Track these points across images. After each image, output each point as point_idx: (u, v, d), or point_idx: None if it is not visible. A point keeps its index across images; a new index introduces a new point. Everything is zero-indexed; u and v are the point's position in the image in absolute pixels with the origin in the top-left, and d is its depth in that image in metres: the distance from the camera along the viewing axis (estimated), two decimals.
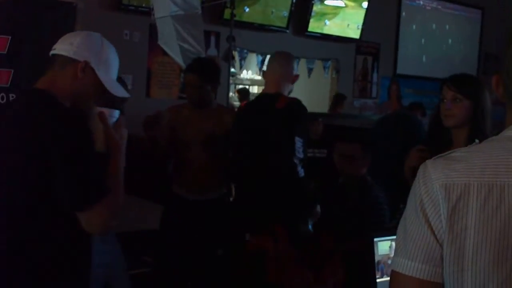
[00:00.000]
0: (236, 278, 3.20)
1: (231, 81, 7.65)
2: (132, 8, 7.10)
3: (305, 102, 3.79)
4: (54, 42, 2.28)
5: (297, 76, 3.57)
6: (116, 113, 2.10)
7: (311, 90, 9.66)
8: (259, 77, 10.35)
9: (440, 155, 1.25)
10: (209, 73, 3.75)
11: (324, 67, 9.41)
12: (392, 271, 1.25)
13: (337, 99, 8.92)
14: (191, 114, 3.73)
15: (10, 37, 6.07)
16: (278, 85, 3.48)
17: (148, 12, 6.14)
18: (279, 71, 3.54)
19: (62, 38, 2.27)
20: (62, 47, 2.18)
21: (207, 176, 3.71)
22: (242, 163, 3.54)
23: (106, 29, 7.69)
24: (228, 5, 5.86)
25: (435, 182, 1.19)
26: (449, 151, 1.25)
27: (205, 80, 3.67)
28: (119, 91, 2.17)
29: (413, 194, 1.25)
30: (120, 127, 2.09)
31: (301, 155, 3.27)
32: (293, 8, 8.52)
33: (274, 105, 3.41)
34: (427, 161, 1.25)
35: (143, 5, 6.97)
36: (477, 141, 1.26)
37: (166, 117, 3.76)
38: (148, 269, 3.94)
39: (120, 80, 2.33)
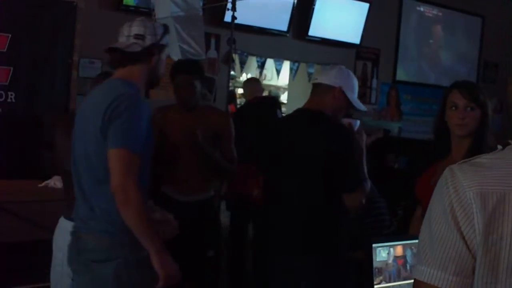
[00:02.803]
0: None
1: (230, 84, 7.63)
2: (133, 8, 7.09)
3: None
4: (54, 40, 2.30)
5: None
6: (358, 122, 2.98)
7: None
8: None
9: (464, 160, 1.20)
10: (197, 71, 3.76)
11: None
12: (417, 281, 1.19)
13: None
14: (178, 115, 3.72)
15: (9, 35, 6.07)
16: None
17: (148, 12, 6.13)
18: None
19: (323, 71, 3.26)
20: (323, 78, 3.02)
21: (196, 177, 3.70)
22: None
23: (106, 29, 7.69)
24: (229, 8, 5.84)
25: (468, 190, 1.14)
26: (472, 157, 1.20)
27: (195, 79, 3.67)
28: (361, 106, 3.02)
29: (439, 201, 1.19)
30: (360, 133, 2.93)
31: None
32: (293, 12, 8.53)
33: None
34: (451, 166, 1.19)
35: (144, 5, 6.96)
36: (500, 147, 1.20)
37: (154, 118, 3.76)
38: None
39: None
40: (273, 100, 6.25)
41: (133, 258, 2.40)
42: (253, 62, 9.03)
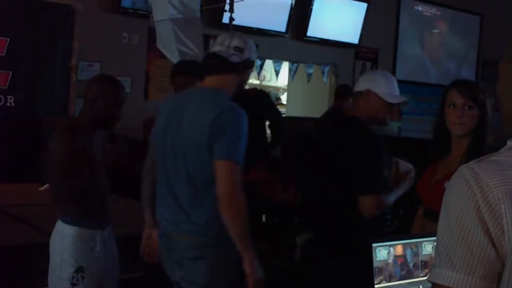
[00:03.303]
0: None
1: None
2: (131, 11, 7.10)
3: (304, 107, 3.83)
4: (53, 44, 2.31)
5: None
6: (410, 166, 3.13)
7: (310, 95, 9.67)
8: (257, 82, 10.34)
9: (479, 159, 1.15)
10: (197, 72, 3.75)
11: (323, 72, 9.41)
12: (439, 285, 1.14)
13: (342, 91, 7.34)
14: None
15: (8, 39, 6.07)
16: None
17: (147, 15, 6.13)
18: None
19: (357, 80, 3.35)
20: (355, 87, 3.15)
21: None
22: None
23: (104, 32, 7.69)
24: (227, 9, 5.84)
25: (495, 189, 1.08)
26: (487, 155, 1.16)
27: (195, 79, 3.66)
28: (396, 99, 3.06)
29: (461, 201, 1.12)
30: (409, 174, 3.11)
31: None
32: (292, 13, 8.53)
33: None
34: (469, 165, 1.14)
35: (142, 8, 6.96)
36: (510, 144, 1.16)
37: (151, 123, 3.76)
38: (143, 273, 3.92)
39: None
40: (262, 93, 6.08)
41: (224, 257, 2.61)
42: None
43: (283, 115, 6.64)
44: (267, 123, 5.28)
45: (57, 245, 2.96)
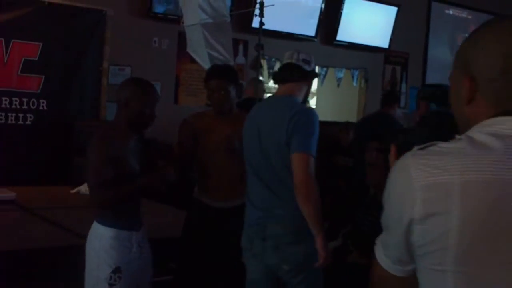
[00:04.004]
0: None
1: None
2: (161, 15, 7.16)
3: (333, 111, 3.86)
4: (84, 48, 2.35)
5: None
6: None
7: (339, 99, 9.64)
8: None
9: (420, 146, 1.18)
10: (231, 75, 3.75)
11: (353, 76, 9.38)
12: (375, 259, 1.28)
13: (389, 99, 7.01)
14: (213, 121, 3.72)
15: (41, 44, 6.16)
16: None
17: (177, 19, 6.17)
18: None
19: None
20: None
21: (231, 183, 3.70)
22: None
23: (135, 36, 7.75)
24: (257, 14, 5.86)
25: (415, 179, 1.12)
26: (428, 144, 1.18)
27: (229, 84, 3.67)
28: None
29: (395, 186, 1.18)
30: None
31: None
32: (321, 17, 8.52)
33: None
34: (412, 151, 1.18)
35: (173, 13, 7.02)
36: (457, 136, 1.18)
37: (189, 124, 3.78)
38: (173, 276, 3.94)
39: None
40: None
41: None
42: None
43: None
44: None
45: (94, 246, 2.99)
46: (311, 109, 3.26)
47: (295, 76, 3.15)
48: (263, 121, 3.14)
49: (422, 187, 1.11)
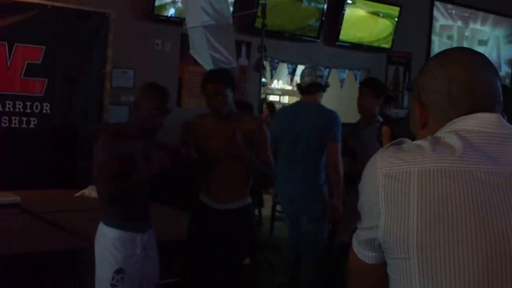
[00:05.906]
0: None
1: (262, 91, 7.64)
2: (164, 18, 7.16)
3: (337, 112, 4.78)
4: (87, 51, 2.37)
5: None
6: None
7: (342, 100, 9.62)
8: (289, 87, 10.34)
9: (392, 142, 1.31)
10: (227, 79, 3.75)
11: (356, 77, 9.37)
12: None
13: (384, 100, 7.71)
14: (214, 123, 3.73)
15: (44, 47, 6.16)
16: None
17: (179, 21, 6.17)
18: None
19: None
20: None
21: (233, 184, 3.70)
22: None
23: (138, 39, 7.75)
24: (259, 15, 5.85)
25: (379, 170, 1.25)
26: (399, 140, 1.32)
27: (225, 87, 3.67)
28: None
29: (366, 179, 1.30)
30: None
31: None
32: (324, 18, 8.51)
33: None
34: (383, 148, 1.31)
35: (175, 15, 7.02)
36: (429, 137, 1.29)
37: (190, 125, 3.80)
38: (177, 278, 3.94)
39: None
40: (248, 106, 6.85)
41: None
42: (283, 68, 9.03)
43: None
44: None
45: (100, 246, 3.00)
46: (335, 111, 4.79)
47: (318, 89, 4.77)
48: (299, 120, 4.68)
49: (384, 175, 1.24)
